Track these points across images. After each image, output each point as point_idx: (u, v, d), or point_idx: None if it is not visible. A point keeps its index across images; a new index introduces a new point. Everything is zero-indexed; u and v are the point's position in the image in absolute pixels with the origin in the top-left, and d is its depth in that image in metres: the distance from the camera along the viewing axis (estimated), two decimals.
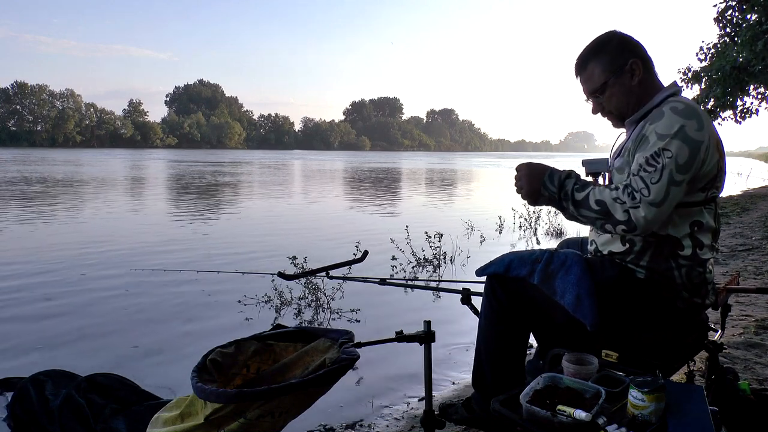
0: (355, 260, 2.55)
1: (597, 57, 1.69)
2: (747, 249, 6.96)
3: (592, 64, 1.70)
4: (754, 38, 11.16)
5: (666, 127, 1.52)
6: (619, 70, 1.66)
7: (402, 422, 2.82)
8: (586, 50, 1.73)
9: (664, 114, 1.55)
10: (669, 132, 1.51)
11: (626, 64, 1.66)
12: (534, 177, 1.64)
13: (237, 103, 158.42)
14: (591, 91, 1.72)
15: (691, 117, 1.52)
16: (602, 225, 1.58)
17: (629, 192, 1.51)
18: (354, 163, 48.65)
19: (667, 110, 1.55)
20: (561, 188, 1.60)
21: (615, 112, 1.71)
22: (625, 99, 1.68)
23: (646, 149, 1.54)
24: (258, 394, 1.44)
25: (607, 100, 1.70)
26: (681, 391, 1.40)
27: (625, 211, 1.51)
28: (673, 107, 1.55)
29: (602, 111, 1.74)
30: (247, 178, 26.10)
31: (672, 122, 1.52)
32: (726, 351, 3.20)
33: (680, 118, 1.52)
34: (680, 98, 1.63)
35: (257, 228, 9.96)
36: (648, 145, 1.54)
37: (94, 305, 4.88)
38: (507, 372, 1.76)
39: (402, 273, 6.18)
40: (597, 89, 1.70)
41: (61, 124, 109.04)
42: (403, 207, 14.33)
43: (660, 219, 1.51)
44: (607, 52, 1.68)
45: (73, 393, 2.16)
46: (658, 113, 1.58)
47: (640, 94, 1.68)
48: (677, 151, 1.49)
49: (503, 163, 62.90)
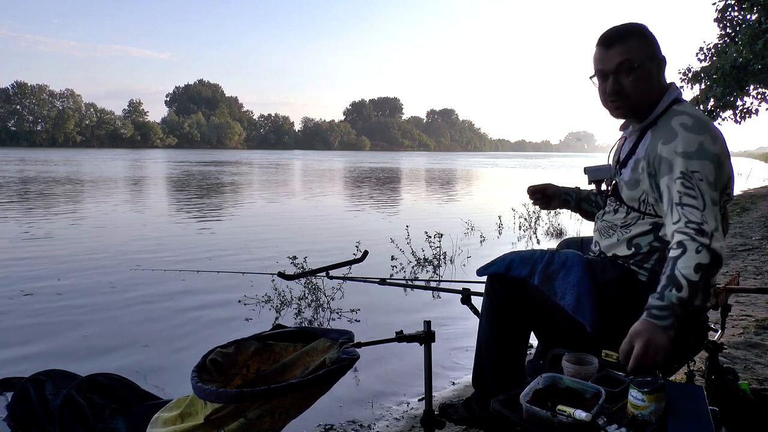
0: (355, 260, 2.55)
1: (637, 37, 1.62)
2: (747, 249, 6.96)
3: (634, 40, 1.61)
4: (754, 38, 11.15)
5: (684, 144, 1.48)
6: (653, 58, 1.63)
7: (402, 422, 2.82)
8: (625, 27, 1.65)
9: (678, 133, 1.51)
10: (688, 149, 1.47)
11: (659, 56, 1.64)
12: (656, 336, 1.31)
13: (237, 103, 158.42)
14: (621, 64, 1.60)
15: (704, 132, 1.50)
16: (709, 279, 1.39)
17: (692, 235, 1.37)
18: (354, 163, 48.66)
19: (678, 126, 1.52)
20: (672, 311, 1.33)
21: (633, 96, 1.62)
22: (648, 87, 1.61)
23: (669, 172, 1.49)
24: (258, 394, 1.44)
25: (632, 82, 1.60)
26: (681, 391, 1.40)
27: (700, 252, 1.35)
28: (683, 124, 1.52)
29: (616, 93, 1.62)
30: (247, 178, 26.10)
31: (689, 140, 1.49)
32: (726, 351, 3.21)
33: (695, 134, 1.49)
34: (685, 110, 1.59)
35: (257, 228, 9.96)
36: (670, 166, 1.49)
37: (94, 305, 4.88)
38: (507, 372, 1.76)
39: (402, 273, 6.19)
40: (629, 65, 1.59)
41: (61, 124, 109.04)
42: (403, 207, 14.33)
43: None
44: (648, 37, 1.64)
45: (73, 393, 2.16)
46: (665, 128, 1.55)
47: (655, 92, 1.64)
48: (706, 171, 1.45)
49: (503, 163, 62.94)
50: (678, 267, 1.34)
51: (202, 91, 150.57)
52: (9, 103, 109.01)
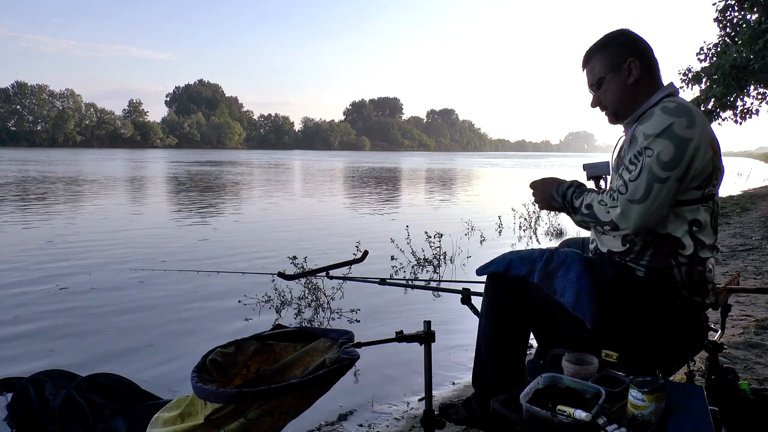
0: (355, 260, 2.55)
1: (600, 52, 1.76)
2: (747, 249, 6.96)
3: (595, 59, 1.77)
4: (754, 38, 11.15)
5: (653, 126, 1.55)
6: (617, 68, 1.71)
7: (402, 422, 2.82)
8: (594, 44, 1.80)
9: (654, 114, 1.58)
10: (655, 131, 1.54)
11: (624, 63, 1.70)
12: (545, 191, 1.81)
13: (237, 103, 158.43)
14: (590, 84, 1.80)
15: (681, 115, 1.54)
16: (594, 227, 1.71)
17: (610, 193, 1.62)
18: (354, 163, 48.66)
19: (658, 110, 1.58)
20: (564, 198, 1.75)
21: (609, 107, 1.77)
22: (619, 96, 1.73)
23: (634, 150, 1.59)
24: (258, 394, 1.44)
25: (603, 95, 1.77)
26: (681, 391, 1.40)
27: (607, 211, 1.60)
28: (664, 107, 1.58)
29: (599, 105, 1.80)
30: (248, 178, 26.09)
31: (660, 121, 1.55)
32: (726, 351, 3.20)
33: (669, 116, 1.54)
34: (674, 98, 1.65)
35: (257, 228, 9.96)
36: (636, 145, 1.58)
37: (94, 305, 4.88)
38: (507, 372, 1.76)
39: (402, 273, 6.18)
40: (595, 83, 1.77)
41: (61, 124, 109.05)
42: (403, 207, 14.33)
43: (646, 216, 1.54)
44: (611, 48, 1.74)
45: (73, 393, 2.15)
46: (649, 114, 1.61)
47: (636, 94, 1.71)
48: (661, 149, 1.52)
49: (503, 162, 62.94)
50: (587, 195, 1.69)
51: (202, 91, 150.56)
52: (9, 103, 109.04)
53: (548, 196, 1.79)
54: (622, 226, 1.57)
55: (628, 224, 1.55)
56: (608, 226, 1.60)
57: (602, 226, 1.63)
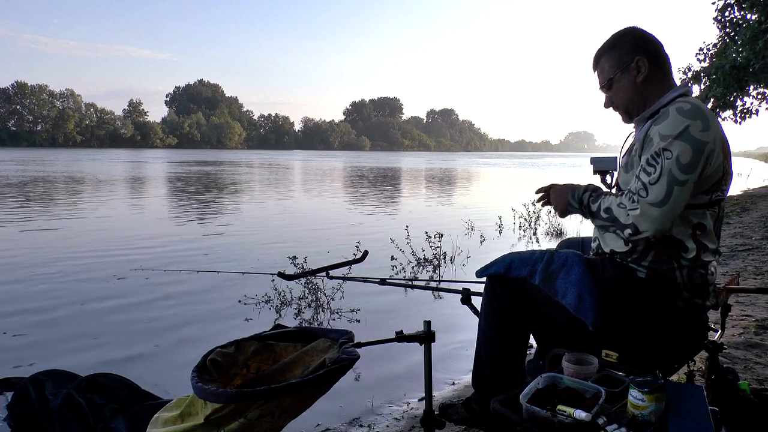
0: (355, 260, 2.55)
1: (608, 52, 1.76)
2: (747, 249, 6.96)
3: (604, 59, 1.77)
4: (754, 37, 11.15)
5: (670, 127, 1.53)
6: (626, 67, 1.71)
7: (402, 422, 2.82)
8: (602, 45, 1.80)
9: (670, 114, 1.56)
10: (672, 132, 1.52)
11: (632, 62, 1.69)
12: (561, 198, 1.82)
13: (237, 103, 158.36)
14: (601, 85, 1.80)
15: (696, 117, 1.53)
16: (614, 231, 1.66)
17: (630, 195, 1.58)
18: (354, 163, 48.64)
19: (673, 110, 1.56)
20: (580, 203, 1.76)
21: (621, 107, 1.78)
22: (629, 95, 1.73)
23: (649, 150, 1.56)
24: (258, 394, 1.44)
25: (614, 95, 1.77)
26: (681, 391, 1.40)
27: (627, 214, 1.57)
28: (679, 108, 1.56)
29: (612, 105, 1.81)
30: (248, 178, 26.09)
31: (677, 122, 1.53)
32: (726, 351, 3.20)
33: (685, 118, 1.53)
34: (688, 99, 1.63)
35: (257, 228, 9.96)
36: (652, 146, 1.56)
37: (94, 305, 4.88)
38: (507, 372, 1.76)
39: (402, 273, 6.18)
40: (605, 84, 1.77)
41: (61, 124, 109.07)
42: (403, 207, 14.33)
43: (666, 219, 1.52)
44: (618, 48, 1.74)
45: (73, 393, 2.15)
46: (664, 113, 1.59)
47: (646, 92, 1.70)
48: (680, 151, 1.50)
49: (503, 162, 62.94)
50: (606, 198, 1.68)
51: (202, 91, 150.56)
52: (9, 103, 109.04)
53: (565, 203, 1.80)
54: (642, 229, 1.54)
55: (649, 227, 1.53)
56: (629, 229, 1.57)
57: (623, 230, 1.60)
